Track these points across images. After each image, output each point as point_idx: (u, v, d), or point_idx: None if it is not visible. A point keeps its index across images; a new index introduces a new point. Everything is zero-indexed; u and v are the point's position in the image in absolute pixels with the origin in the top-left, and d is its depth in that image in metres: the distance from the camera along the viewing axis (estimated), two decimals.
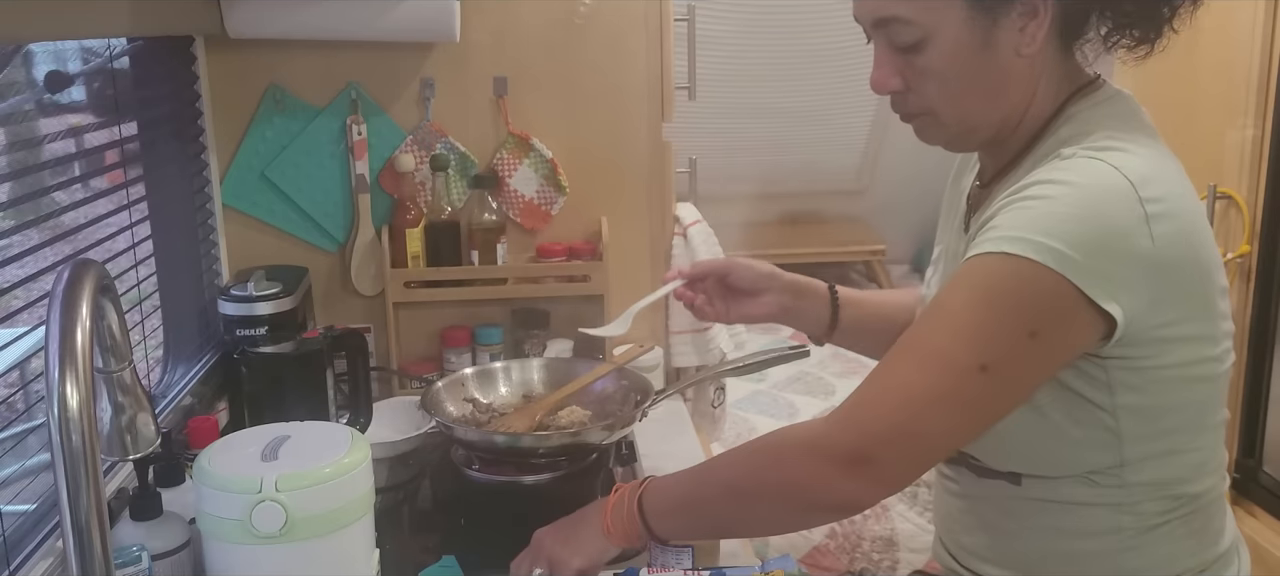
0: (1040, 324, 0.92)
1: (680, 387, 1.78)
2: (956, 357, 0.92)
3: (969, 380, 0.92)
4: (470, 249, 1.83)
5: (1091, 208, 0.92)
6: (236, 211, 1.80)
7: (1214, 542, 1.08)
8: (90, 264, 0.83)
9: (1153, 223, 0.92)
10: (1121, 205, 0.92)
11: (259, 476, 0.99)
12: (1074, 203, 0.92)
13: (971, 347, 0.92)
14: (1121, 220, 0.91)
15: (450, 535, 1.39)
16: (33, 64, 1.71)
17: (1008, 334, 0.92)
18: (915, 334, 0.97)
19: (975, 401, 0.93)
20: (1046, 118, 1.03)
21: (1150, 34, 1.02)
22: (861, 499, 0.97)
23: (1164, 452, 1.02)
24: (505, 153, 1.83)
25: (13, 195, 1.32)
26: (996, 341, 0.92)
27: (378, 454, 1.24)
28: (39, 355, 0.83)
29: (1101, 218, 0.91)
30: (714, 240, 1.94)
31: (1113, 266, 0.91)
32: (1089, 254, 0.90)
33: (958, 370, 0.92)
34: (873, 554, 2.39)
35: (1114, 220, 0.91)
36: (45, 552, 1.11)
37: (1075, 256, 0.89)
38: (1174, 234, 0.93)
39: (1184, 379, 0.99)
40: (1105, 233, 0.91)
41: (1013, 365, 0.93)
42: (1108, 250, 0.91)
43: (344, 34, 1.69)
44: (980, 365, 0.92)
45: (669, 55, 1.83)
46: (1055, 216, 0.92)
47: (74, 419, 0.76)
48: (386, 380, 1.83)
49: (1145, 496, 1.03)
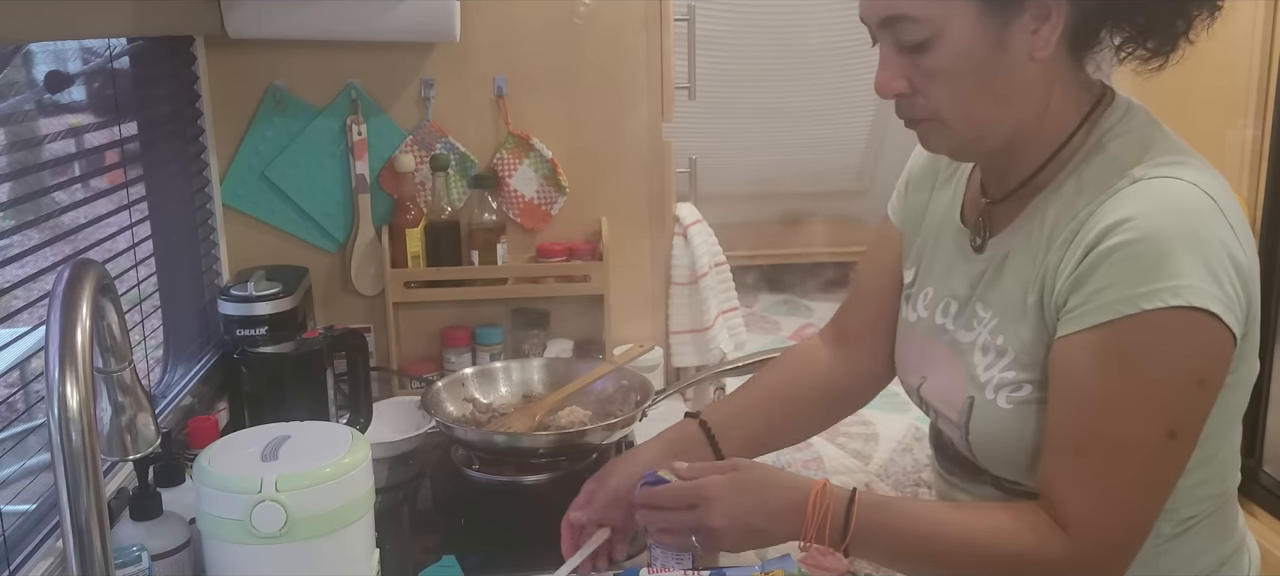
0: (1206, 370, 0.92)
1: (680, 387, 1.78)
2: (1147, 438, 0.92)
3: (1164, 454, 0.93)
4: (470, 249, 1.83)
5: (1196, 234, 0.90)
6: (236, 211, 1.80)
7: (1229, 536, 1.08)
8: (90, 264, 0.83)
9: (1238, 232, 0.93)
10: (1215, 223, 0.92)
11: (259, 476, 0.99)
12: (1179, 235, 0.90)
13: (1155, 421, 0.92)
14: (1222, 237, 0.91)
15: (450, 535, 1.38)
16: (33, 64, 1.71)
17: (1181, 392, 0.92)
18: (1097, 430, 0.94)
19: (1172, 469, 0.94)
20: (1069, 130, 1.00)
21: (1165, 46, 0.99)
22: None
23: (1207, 458, 1.01)
24: (505, 153, 1.83)
25: (13, 195, 1.32)
26: (1175, 405, 0.92)
27: (378, 454, 1.24)
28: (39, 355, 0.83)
29: (1207, 241, 0.91)
30: (714, 240, 1.94)
31: (1229, 287, 0.91)
32: (1215, 280, 0.90)
33: (1153, 450, 0.92)
34: None
35: (1216, 239, 0.91)
36: (45, 552, 1.11)
37: (1208, 288, 0.89)
38: (1250, 241, 0.95)
39: (1236, 387, 0.99)
40: (1216, 255, 0.90)
41: (1193, 421, 0.93)
42: (1223, 271, 0.90)
43: (344, 34, 1.69)
44: (1169, 433, 0.92)
45: (669, 55, 1.83)
46: (1171, 255, 0.89)
47: (74, 419, 0.76)
48: (386, 380, 1.83)
49: (1182, 500, 1.01)
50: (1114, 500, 0.94)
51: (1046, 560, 0.95)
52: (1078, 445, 0.95)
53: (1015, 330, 1.01)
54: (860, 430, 2.44)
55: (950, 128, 1.00)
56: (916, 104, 0.99)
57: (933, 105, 0.98)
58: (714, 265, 1.93)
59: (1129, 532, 0.95)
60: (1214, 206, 0.92)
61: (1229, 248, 0.91)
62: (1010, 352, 1.01)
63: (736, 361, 1.64)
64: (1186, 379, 0.91)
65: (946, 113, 0.98)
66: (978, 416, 1.04)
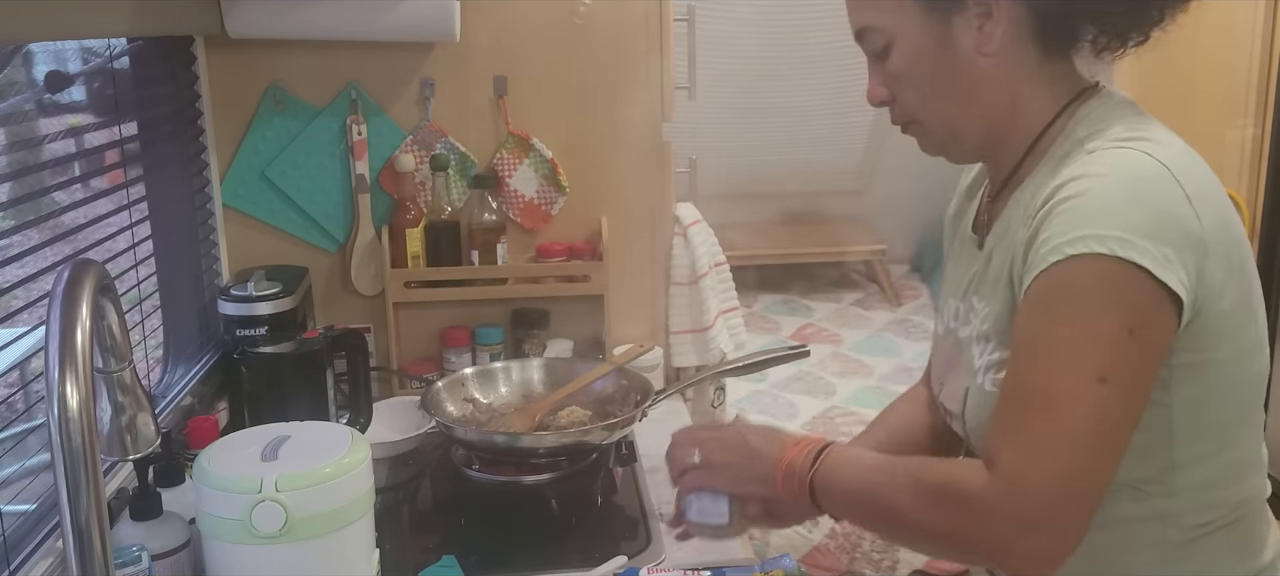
0: (1136, 321, 0.90)
1: (680, 387, 1.78)
2: (1075, 384, 0.90)
3: (1097, 403, 0.90)
4: (470, 249, 1.83)
5: (1137, 193, 0.91)
6: (236, 211, 1.80)
7: (1256, 554, 1.05)
8: (90, 264, 0.83)
9: (1195, 203, 0.92)
10: (1164, 187, 0.92)
11: (259, 476, 0.99)
12: (1120, 190, 0.92)
13: (1082, 367, 0.90)
14: (1168, 202, 0.91)
15: (450, 535, 1.39)
16: (33, 64, 1.71)
17: (1109, 339, 0.90)
18: (1026, 379, 0.94)
19: (1109, 421, 0.91)
20: (1044, 123, 1.02)
21: (1140, 39, 1.01)
22: (1036, 560, 0.93)
23: (1211, 451, 1.00)
24: (505, 153, 1.83)
25: (13, 195, 1.32)
26: (1103, 351, 0.90)
27: (378, 454, 1.24)
28: (39, 355, 0.84)
29: (1150, 200, 0.91)
30: (714, 240, 1.94)
31: (1170, 249, 0.90)
32: (1148, 237, 0.89)
33: (1082, 397, 0.90)
34: (873, 554, 2.39)
35: (1162, 202, 0.91)
36: (45, 552, 1.11)
37: (1139, 242, 0.89)
38: (1215, 215, 0.93)
39: (1234, 366, 0.98)
40: (1156, 215, 0.90)
41: (1129, 372, 0.91)
42: (1163, 232, 0.90)
43: (344, 34, 1.69)
44: (1098, 379, 0.90)
45: (669, 55, 1.83)
46: (1107, 209, 0.91)
47: (74, 419, 0.76)
48: (386, 380, 1.83)
49: (1190, 503, 1.01)
50: (1041, 449, 0.91)
51: (967, 492, 0.94)
52: (1012, 395, 0.95)
53: (996, 311, 1.03)
54: (860, 430, 2.44)
55: (928, 129, 1.06)
56: (896, 110, 1.06)
57: (908, 109, 1.05)
58: (714, 265, 1.93)
59: (1061, 488, 0.90)
60: (1166, 174, 0.92)
61: (1177, 215, 0.91)
62: (994, 336, 1.03)
63: (736, 361, 1.63)
64: (1114, 325, 0.90)
65: (920, 114, 1.05)
66: (971, 403, 1.06)
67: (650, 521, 1.37)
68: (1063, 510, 0.91)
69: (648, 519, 1.38)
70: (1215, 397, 0.98)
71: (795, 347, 1.58)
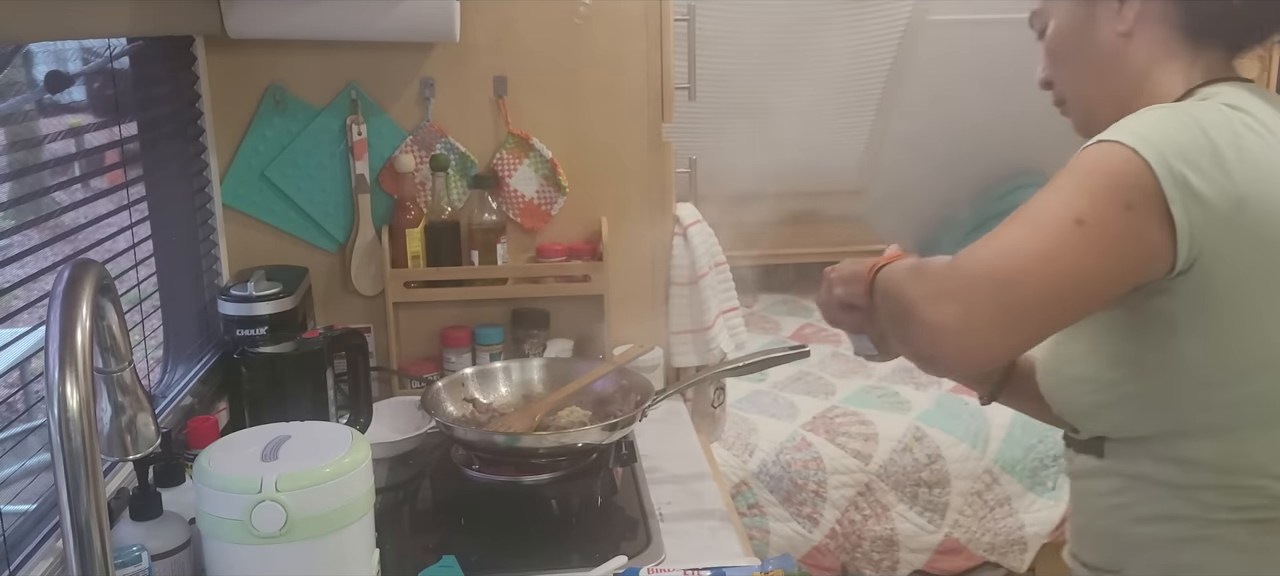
0: (1133, 198, 0.91)
1: (680, 387, 1.78)
2: (1054, 212, 0.92)
3: (1064, 232, 0.91)
4: (470, 249, 1.83)
5: (1185, 119, 0.93)
6: (236, 211, 1.80)
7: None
8: (90, 264, 0.83)
9: (1242, 148, 0.92)
10: (1218, 118, 0.93)
11: (259, 476, 0.99)
12: (1173, 113, 0.95)
13: (1069, 204, 0.92)
14: (1215, 134, 0.92)
15: (450, 535, 1.39)
16: (33, 64, 1.71)
17: (1104, 199, 0.92)
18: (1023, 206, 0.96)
19: (1068, 256, 0.91)
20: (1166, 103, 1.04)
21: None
22: (941, 328, 0.92)
23: (1226, 426, 0.98)
24: (505, 153, 1.83)
25: (13, 195, 1.32)
26: (1093, 202, 0.92)
27: (378, 454, 1.24)
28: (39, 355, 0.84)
29: (1194, 127, 0.92)
30: (714, 240, 1.94)
31: (1191, 173, 0.90)
32: (1175, 155, 0.90)
33: (1054, 222, 0.92)
34: (873, 554, 2.39)
35: (1206, 132, 0.92)
36: (45, 552, 1.11)
37: (1165, 152, 0.90)
38: (1260, 168, 0.92)
39: (1254, 343, 0.96)
40: (1193, 142, 0.91)
41: (1106, 228, 0.91)
42: (1191, 158, 0.91)
43: (344, 34, 1.69)
44: (1076, 219, 0.91)
45: (669, 55, 1.83)
46: (1152, 119, 0.94)
47: (74, 419, 0.76)
48: (386, 380, 1.83)
49: (1205, 481, 0.99)
50: (994, 239, 0.93)
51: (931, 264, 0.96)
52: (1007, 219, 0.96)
53: None
54: (860, 430, 2.44)
55: (1071, 108, 1.12)
56: (1054, 90, 1.12)
57: (1060, 89, 1.11)
58: (714, 265, 1.93)
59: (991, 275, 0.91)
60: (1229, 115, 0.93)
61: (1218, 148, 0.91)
62: None
63: (736, 361, 1.63)
64: (1112, 195, 0.91)
65: (1067, 93, 1.11)
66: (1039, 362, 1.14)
67: (650, 521, 1.37)
68: (981, 291, 0.90)
69: (648, 519, 1.38)
70: (1230, 365, 0.96)
71: (795, 347, 1.58)
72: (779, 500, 2.34)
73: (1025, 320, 0.92)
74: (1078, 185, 0.93)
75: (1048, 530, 2.40)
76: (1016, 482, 2.42)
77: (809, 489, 2.35)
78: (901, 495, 2.39)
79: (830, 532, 2.35)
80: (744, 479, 2.33)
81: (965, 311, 0.90)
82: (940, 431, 2.44)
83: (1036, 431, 2.46)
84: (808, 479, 2.35)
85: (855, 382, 2.74)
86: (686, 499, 1.46)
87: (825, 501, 2.36)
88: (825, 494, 2.36)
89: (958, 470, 2.40)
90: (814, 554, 2.34)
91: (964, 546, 2.40)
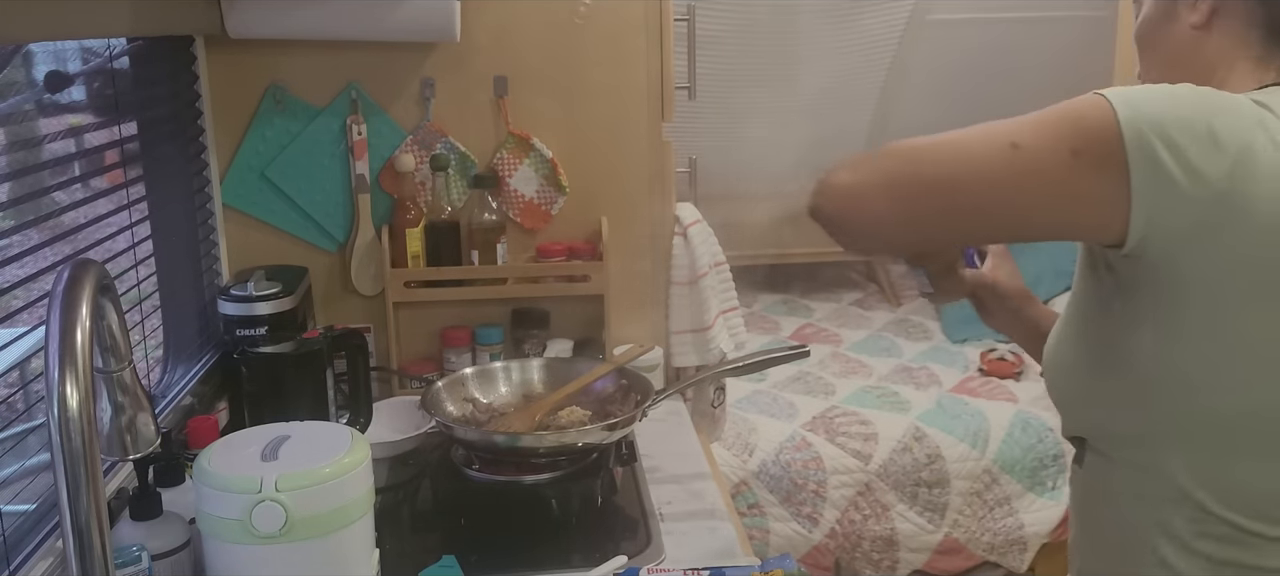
0: (1087, 146, 0.87)
1: (680, 387, 1.78)
2: (999, 129, 0.90)
3: (994, 147, 0.89)
4: (470, 249, 1.83)
5: (1192, 98, 0.87)
6: (236, 211, 1.80)
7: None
8: (90, 264, 0.83)
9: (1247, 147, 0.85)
10: (1230, 107, 0.87)
11: (259, 476, 0.99)
12: (1179, 89, 0.89)
13: (1015, 129, 0.89)
14: (1217, 123, 0.85)
15: (450, 535, 1.39)
16: (33, 64, 1.71)
17: (1050, 135, 0.88)
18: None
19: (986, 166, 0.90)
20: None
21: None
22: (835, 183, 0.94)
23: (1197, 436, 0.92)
24: (505, 153, 1.83)
25: (13, 195, 1.32)
26: (1037, 133, 0.89)
27: (378, 454, 1.24)
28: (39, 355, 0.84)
29: (1195, 108, 0.86)
30: (714, 240, 1.94)
31: (1165, 150, 0.84)
32: (1153, 125, 0.85)
33: (990, 135, 0.90)
34: (873, 554, 2.39)
35: (1208, 118, 0.85)
36: (45, 552, 1.11)
37: (1144, 118, 0.85)
38: (1260, 172, 0.85)
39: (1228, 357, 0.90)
40: (1183, 121, 0.85)
41: (1039, 161, 0.88)
42: (1172, 135, 0.85)
43: (344, 34, 1.69)
44: (1012, 142, 0.89)
45: (669, 55, 1.83)
46: (1154, 90, 0.89)
47: (74, 419, 0.76)
48: (386, 380, 1.83)
49: (1177, 498, 0.93)
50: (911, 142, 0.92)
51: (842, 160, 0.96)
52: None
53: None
54: (860, 430, 2.44)
55: None
56: (1141, 82, 1.09)
57: (1144, 80, 1.09)
58: (714, 265, 1.93)
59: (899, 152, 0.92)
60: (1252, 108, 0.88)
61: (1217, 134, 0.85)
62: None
63: (736, 361, 1.64)
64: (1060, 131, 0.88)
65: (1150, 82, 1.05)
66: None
67: (650, 521, 1.37)
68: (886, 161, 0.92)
69: (648, 519, 1.38)
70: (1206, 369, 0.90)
71: (795, 347, 1.58)
72: (779, 500, 2.34)
73: (916, 200, 0.92)
74: (1037, 117, 0.90)
75: (1047, 530, 2.40)
76: (1016, 482, 2.42)
77: (809, 489, 2.35)
78: (901, 495, 2.39)
79: (830, 532, 2.36)
80: (744, 479, 2.33)
81: (864, 173, 0.93)
82: (940, 431, 2.44)
83: (1036, 431, 2.46)
84: (808, 479, 2.35)
85: (855, 382, 2.74)
86: (686, 499, 1.47)
87: (825, 501, 2.36)
88: (825, 494, 2.36)
89: (957, 470, 2.40)
90: (814, 553, 2.34)
91: (964, 546, 2.41)
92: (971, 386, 2.72)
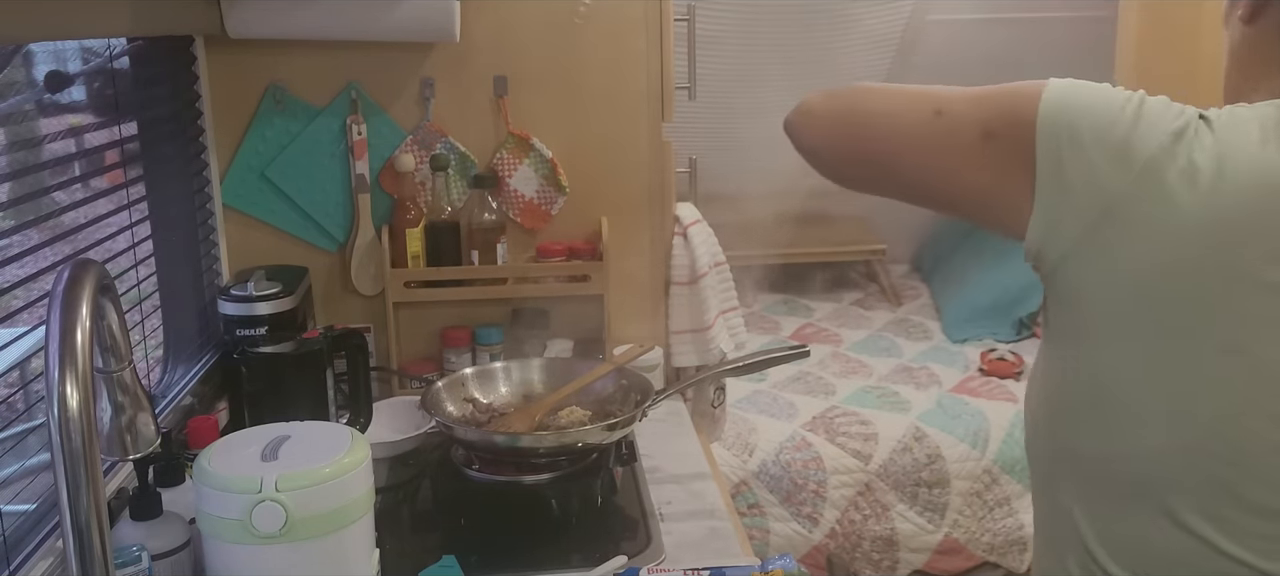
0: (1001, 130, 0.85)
1: (680, 387, 1.78)
2: (932, 93, 0.91)
3: (918, 111, 0.91)
4: (470, 249, 1.83)
5: (1124, 101, 0.81)
6: (236, 211, 1.80)
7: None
8: (90, 264, 0.83)
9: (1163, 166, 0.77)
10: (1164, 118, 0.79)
11: (259, 476, 0.99)
12: (1120, 92, 0.84)
13: (945, 96, 0.90)
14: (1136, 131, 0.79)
15: (450, 535, 1.39)
16: (33, 64, 1.71)
17: (972, 113, 0.87)
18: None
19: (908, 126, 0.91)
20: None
21: None
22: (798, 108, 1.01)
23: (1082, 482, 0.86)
24: (505, 153, 1.83)
25: (13, 195, 1.32)
26: (966, 106, 0.88)
27: (378, 454, 1.24)
28: (39, 355, 0.84)
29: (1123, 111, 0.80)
30: (714, 240, 1.94)
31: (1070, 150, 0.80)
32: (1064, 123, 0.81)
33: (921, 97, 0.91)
34: (873, 554, 2.39)
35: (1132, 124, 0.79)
36: (45, 552, 1.11)
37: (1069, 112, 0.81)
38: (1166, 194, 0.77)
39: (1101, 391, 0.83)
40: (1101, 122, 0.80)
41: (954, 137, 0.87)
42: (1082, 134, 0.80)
43: (344, 34, 1.69)
44: (937, 110, 0.89)
45: (669, 55, 1.83)
46: (1097, 86, 0.84)
47: (74, 419, 0.76)
48: (386, 380, 1.83)
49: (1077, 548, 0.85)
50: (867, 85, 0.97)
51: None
52: None
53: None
54: (860, 430, 2.44)
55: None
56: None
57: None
58: (714, 265, 1.93)
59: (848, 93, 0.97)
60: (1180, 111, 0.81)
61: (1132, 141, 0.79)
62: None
63: (736, 361, 1.64)
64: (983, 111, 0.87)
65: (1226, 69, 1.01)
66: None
67: (650, 521, 1.37)
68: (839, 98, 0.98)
69: (648, 519, 1.38)
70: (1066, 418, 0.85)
71: (795, 347, 1.58)
72: (779, 500, 2.34)
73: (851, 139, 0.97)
74: (978, 91, 0.89)
75: None
76: (1016, 482, 2.42)
77: (809, 488, 2.35)
78: (901, 495, 2.39)
79: (830, 532, 2.36)
80: (744, 479, 2.33)
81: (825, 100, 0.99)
82: (940, 431, 2.44)
83: None
84: (808, 479, 2.35)
85: (855, 382, 2.74)
86: (686, 499, 1.47)
87: (825, 501, 2.36)
88: (825, 494, 2.36)
89: (957, 470, 2.40)
90: (814, 553, 2.34)
91: (963, 546, 2.41)
92: (972, 386, 2.72)
